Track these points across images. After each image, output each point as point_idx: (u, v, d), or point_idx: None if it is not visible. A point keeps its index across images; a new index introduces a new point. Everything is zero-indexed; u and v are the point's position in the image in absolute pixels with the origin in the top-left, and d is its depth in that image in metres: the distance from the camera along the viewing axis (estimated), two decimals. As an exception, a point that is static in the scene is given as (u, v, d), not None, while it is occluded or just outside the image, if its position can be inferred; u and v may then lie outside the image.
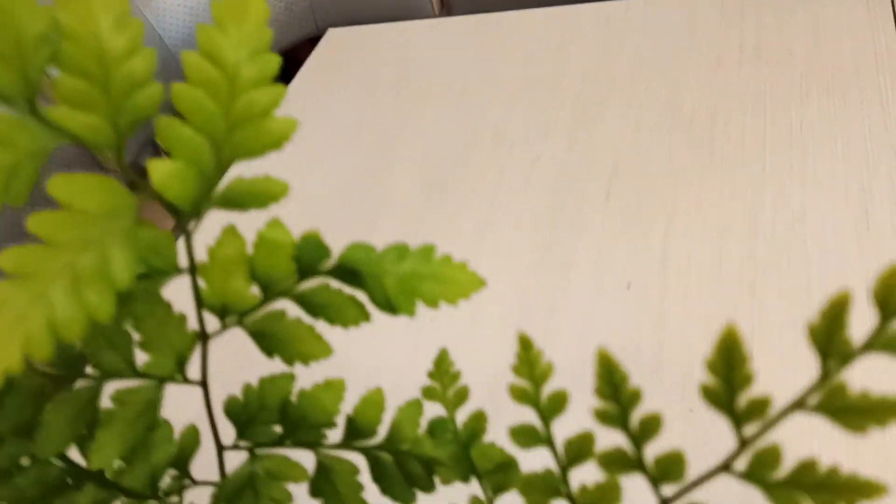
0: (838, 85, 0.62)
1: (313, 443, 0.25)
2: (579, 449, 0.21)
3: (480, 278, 0.22)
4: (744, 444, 0.17)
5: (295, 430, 0.25)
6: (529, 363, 0.21)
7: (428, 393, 0.25)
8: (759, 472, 0.17)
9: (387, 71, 0.79)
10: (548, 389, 0.21)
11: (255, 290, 0.23)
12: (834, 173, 0.56)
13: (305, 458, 0.26)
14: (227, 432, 0.26)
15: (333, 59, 0.81)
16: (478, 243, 0.58)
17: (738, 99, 0.63)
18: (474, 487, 0.25)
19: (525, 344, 0.21)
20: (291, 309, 0.24)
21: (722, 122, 0.62)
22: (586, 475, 0.21)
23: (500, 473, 0.25)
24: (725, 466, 0.17)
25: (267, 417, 0.25)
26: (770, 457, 0.17)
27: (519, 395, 0.21)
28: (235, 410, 0.25)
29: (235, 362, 0.32)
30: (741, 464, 0.17)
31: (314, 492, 0.25)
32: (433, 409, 0.26)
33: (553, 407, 0.21)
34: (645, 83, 0.68)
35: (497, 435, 0.24)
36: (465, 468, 0.25)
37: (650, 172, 0.60)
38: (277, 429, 0.25)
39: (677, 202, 0.58)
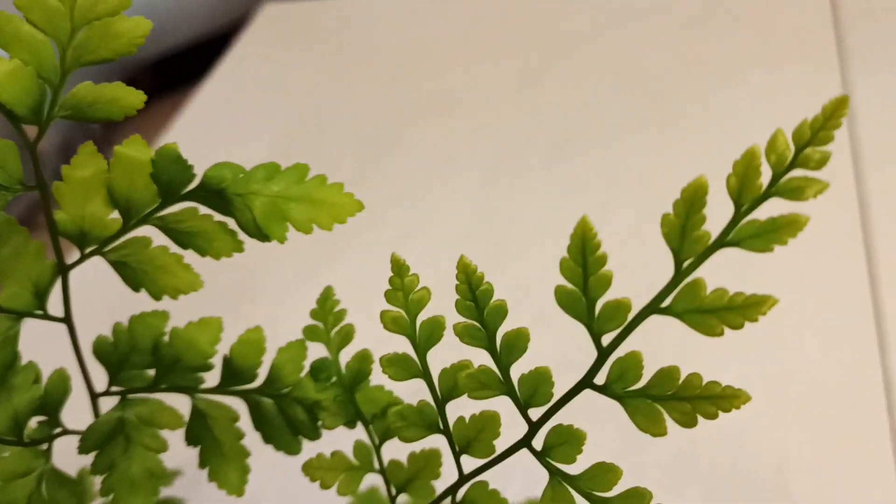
0: (787, 51, 0.61)
1: (189, 387, 0.24)
2: (455, 381, 0.20)
3: (358, 201, 0.21)
4: (603, 354, 0.15)
5: (169, 372, 0.23)
6: (403, 290, 0.20)
7: (310, 333, 0.24)
8: (619, 384, 0.15)
9: (324, 43, 0.77)
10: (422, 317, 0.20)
11: (115, 216, 0.21)
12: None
13: (183, 404, 0.24)
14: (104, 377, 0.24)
15: (268, 33, 0.80)
16: (414, 213, 0.57)
17: (684, 66, 0.63)
18: (361, 433, 0.24)
19: (398, 269, 0.20)
20: (159, 239, 0.22)
21: (667, 90, 0.61)
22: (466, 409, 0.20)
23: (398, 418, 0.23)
24: (587, 381, 0.16)
25: (139, 360, 0.24)
26: (630, 367, 0.15)
27: (391, 324, 0.20)
28: (105, 352, 0.24)
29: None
30: (602, 377, 0.16)
31: (190, 439, 0.24)
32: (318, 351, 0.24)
33: (429, 335, 0.20)
34: (590, 50, 0.67)
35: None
36: (349, 412, 0.23)
37: (593, 141, 0.59)
38: (152, 372, 0.24)
39: (621, 170, 0.57)
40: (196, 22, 1.18)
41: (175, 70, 1.13)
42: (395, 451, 0.23)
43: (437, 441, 0.21)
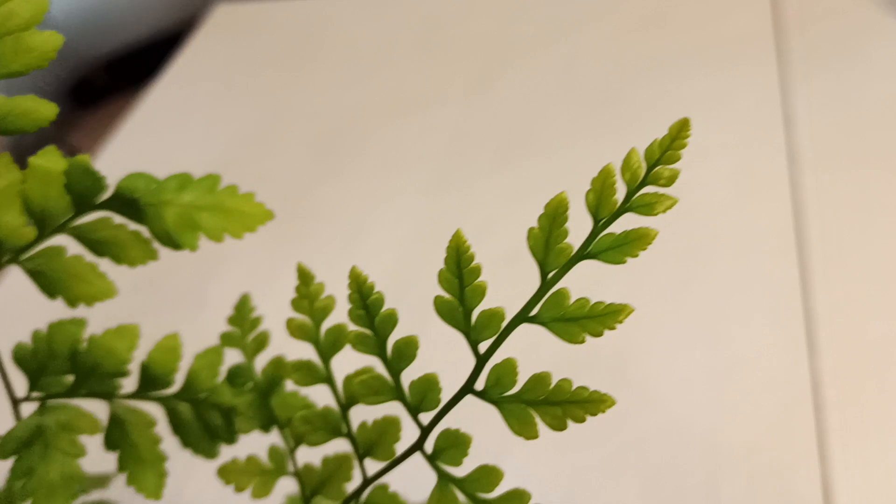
0: (734, 54, 0.63)
1: (107, 393, 0.24)
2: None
3: (267, 210, 0.22)
4: (480, 361, 0.16)
5: (87, 378, 0.24)
6: (309, 298, 0.21)
7: (226, 339, 0.24)
8: (495, 389, 0.16)
9: (276, 45, 0.77)
10: (327, 325, 0.21)
11: (31, 225, 0.22)
12: (723, 143, 0.57)
13: (102, 410, 0.24)
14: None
15: (220, 34, 0.80)
16: (365, 213, 0.57)
17: (629, 71, 0.64)
18: (277, 438, 0.24)
19: (304, 278, 0.21)
20: (75, 248, 0.23)
21: (614, 95, 0.63)
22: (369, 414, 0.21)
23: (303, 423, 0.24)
24: (468, 387, 0.17)
25: (58, 366, 0.24)
26: (505, 373, 0.16)
27: (297, 331, 0.20)
28: (25, 358, 0.24)
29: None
30: (481, 383, 0.17)
31: (109, 444, 0.24)
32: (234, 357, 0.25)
33: (333, 342, 0.21)
34: (538, 55, 0.68)
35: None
36: (264, 417, 0.24)
37: (542, 145, 0.60)
38: (71, 378, 0.24)
39: (568, 174, 0.58)
40: (151, 20, 1.18)
41: (131, 68, 1.13)
42: (310, 455, 0.24)
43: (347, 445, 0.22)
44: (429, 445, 0.19)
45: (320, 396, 0.24)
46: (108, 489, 0.35)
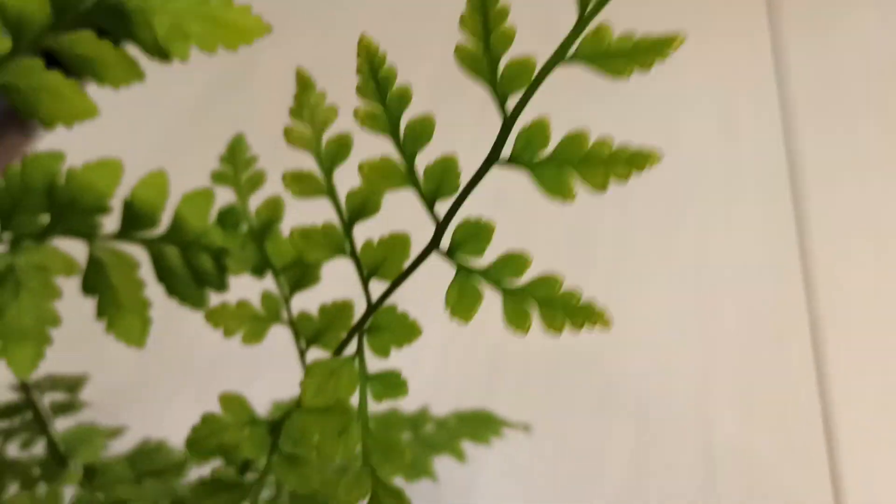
0: (719, 16, 0.63)
1: (86, 232, 0.22)
2: (364, 201, 0.19)
3: (265, 24, 0.20)
4: (509, 120, 0.15)
5: (64, 216, 0.22)
6: (310, 107, 0.19)
7: (218, 177, 0.23)
8: (527, 152, 0.15)
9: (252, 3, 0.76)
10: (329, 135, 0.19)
11: (5, 36, 0.20)
12: (713, 90, 0.57)
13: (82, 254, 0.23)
14: None
15: None
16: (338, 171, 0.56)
17: (624, 23, 0.64)
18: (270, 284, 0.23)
19: (304, 84, 0.19)
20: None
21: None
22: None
23: (299, 268, 0.23)
24: (494, 155, 0.15)
25: (33, 203, 0.22)
26: (537, 133, 0.15)
27: (296, 139, 0.19)
28: (-4, 196, 0.22)
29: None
30: (509, 150, 0.15)
31: (87, 287, 0.22)
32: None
33: (335, 153, 0.19)
34: (528, 11, 0.68)
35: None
36: (257, 258, 0.22)
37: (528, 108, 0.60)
38: (46, 218, 0.22)
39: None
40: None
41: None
42: (305, 302, 0.23)
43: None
44: (444, 244, 0.17)
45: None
46: (80, 392, 0.34)
